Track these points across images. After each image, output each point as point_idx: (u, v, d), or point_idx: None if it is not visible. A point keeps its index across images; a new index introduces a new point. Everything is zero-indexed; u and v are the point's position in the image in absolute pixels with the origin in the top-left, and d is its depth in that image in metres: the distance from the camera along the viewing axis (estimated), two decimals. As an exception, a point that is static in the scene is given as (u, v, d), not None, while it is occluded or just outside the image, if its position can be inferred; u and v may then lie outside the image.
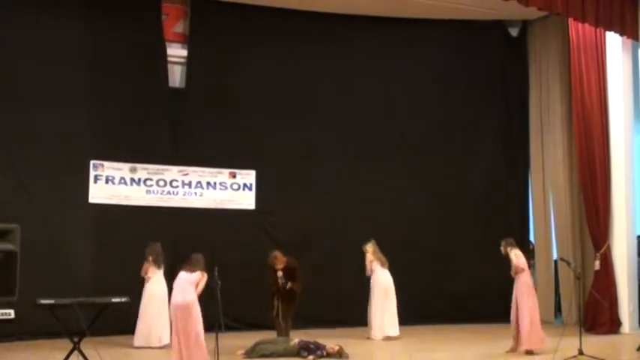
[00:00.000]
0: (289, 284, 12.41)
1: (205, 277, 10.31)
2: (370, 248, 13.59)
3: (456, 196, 15.98)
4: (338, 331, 13.95)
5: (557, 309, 15.93)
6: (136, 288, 12.20)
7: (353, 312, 13.95)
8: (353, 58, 15.70)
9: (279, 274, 12.38)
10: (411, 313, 14.71)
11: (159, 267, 12.42)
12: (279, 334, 12.33)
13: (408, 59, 16.04)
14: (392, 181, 15.70)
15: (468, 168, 16.23)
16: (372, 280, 13.53)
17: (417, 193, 15.84)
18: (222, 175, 14.85)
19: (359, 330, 13.68)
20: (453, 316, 15.51)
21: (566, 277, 14.97)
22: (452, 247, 15.59)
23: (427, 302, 15.21)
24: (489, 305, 15.28)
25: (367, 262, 13.56)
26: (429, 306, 15.29)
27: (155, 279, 12.35)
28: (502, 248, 11.87)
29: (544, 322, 15.31)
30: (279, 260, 12.48)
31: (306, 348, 11.17)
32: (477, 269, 15.51)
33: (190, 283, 10.04)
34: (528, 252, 16.29)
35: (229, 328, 11.66)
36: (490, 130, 16.63)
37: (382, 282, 13.51)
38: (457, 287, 15.44)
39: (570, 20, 14.17)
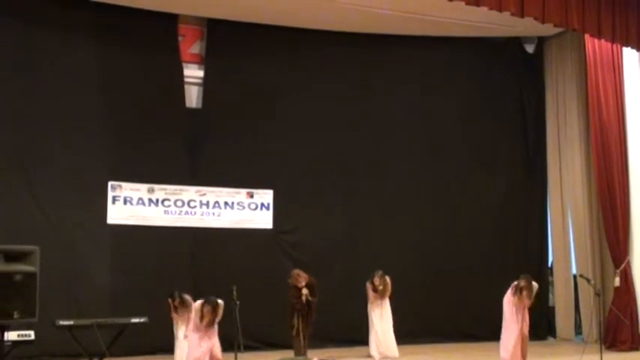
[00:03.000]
0: (313, 299, 12.41)
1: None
2: None
3: (473, 213, 15.93)
4: (355, 350, 13.91)
5: (578, 326, 15.83)
6: (154, 308, 12.20)
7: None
8: (369, 76, 15.72)
9: (305, 291, 12.36)
10: (428, 330, 14.72)
11: None
12: (296, 354, 12.29)
13: (424, 76, 16.06)
14: (409, 198, 15.68)
15: (486, 185, 16.18)
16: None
17: (434, 211, 15.80)
18: (239, 194, 14.86)
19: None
20: (472, 333, 15.43)
21: (586, 294, 14.88)
22: (471, 263, 15.53)
23: (445, 319, 15.18)
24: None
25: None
26: (447, 323, 15.25)
27: None
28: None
29: (565, 340, 15.33)
30: (303, 277, 12.48)
31: (324, 367, 11.15)
32: (496, 285, 15.42)
33: None
34: (547, 269, 16.26)
35: (247, 348, 11.65)
36: (507, 146, 16.59)
37: None
38: (476, 304, 15.35)
39: (586, 36, 14.16)
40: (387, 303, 13.28)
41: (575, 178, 15.63)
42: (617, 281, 14.14)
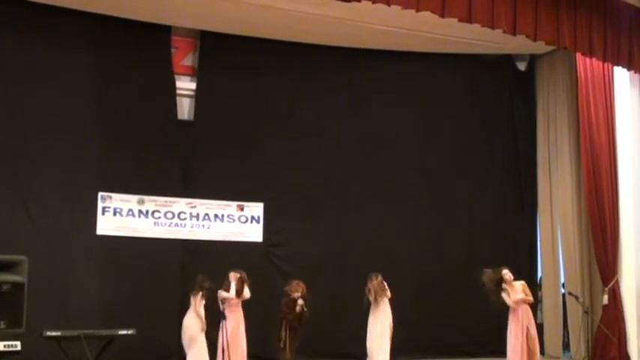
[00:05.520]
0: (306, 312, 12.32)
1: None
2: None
3: (463, 230, 15.94)
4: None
5: (566, 344, 15.82)
6: (142, 320, 12.17)
7: (359, 345, 13.87)
8: (362, 92, 15.76)
9: (300, 302, 12.26)
10: (419, 346, 14.68)
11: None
12: (282, 367, 12.23)
13: (416, 93, 16.10)
14: (400, 214, 15.69)
15: (476, 202, 16.21)
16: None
17: (425, 226, 15.82)
18: (230, 207, 14.85)
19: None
20: (462, 349, 15.42)
21: (575, 311, 14.89)
22: (460, 280, 15.50)
23: (435, 335, 15.15)
24: (498, 338, 15.19)
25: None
26: (437, 339, 15.21)
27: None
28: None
29: (552, 357, 15.29)
30: (301, 287, 12.38)
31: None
32: (485, 303, 15.44)
33: None
34: (536, 286, 16.26)
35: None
36: (498, 162, 16.63)
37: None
38: (465, 320, 15.35)
39: (578, 55, 14.23)
40: (377, 308, 13.09)
41: (566, 196, 15.66)
42: (605, 299, 14.17)
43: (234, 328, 11.73)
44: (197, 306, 11.58)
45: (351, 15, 13.75)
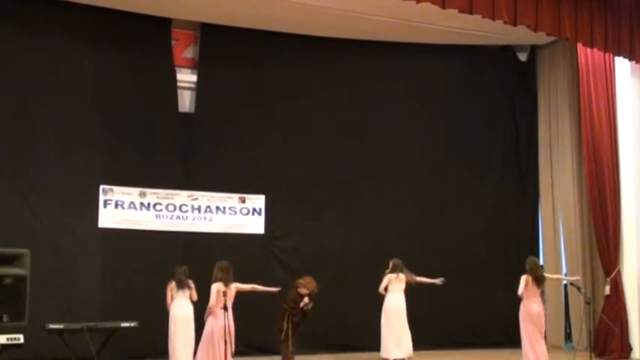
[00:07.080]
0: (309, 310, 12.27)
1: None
2: None
3: (465, 222, 15.96)
4: (347, 356, 13.87)
5: (568, 334, 15.83)
6: (144, 312, 12.18)
7: (362, 337, 13.90)
8: (363, 84, 15.74)
9: (306, 299, 12.14)
10: (421, 338, 14.65)
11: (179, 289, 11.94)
12: (284, 359, 12.18)
13: (417, 84, 16.08)
14: (402, 206, 15.69)
15: (478, 194, 16.22)
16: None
17: (427, 219, 15.82)
18: (231, 199, 14.86)
19: (368, 355, 13.64)
20: (464, 341, 15.44)
21: (577, 302, 14.90)
22: (462, 272, 15.51)
23: (438, 327, 15.12)
24: (500, 330, 15.25)
25: None
26: (440, 331, 15.19)
27: (176, 302, 11.83)
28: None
29: (554, 348, 15.28)
30: (313, 286, 12.23)
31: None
32: (488, 294, 15.48)
33: None
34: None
35: (238, 353, 11.63)
36: (499, 154, 16.64)
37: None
38: (468, 312, 15.37)
39: (579, 45, 14.21)
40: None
41: (567, 187, 15.65)
42: (607, 290, 14.17)
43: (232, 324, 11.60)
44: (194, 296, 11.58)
45: (351, 7, 13.76)
